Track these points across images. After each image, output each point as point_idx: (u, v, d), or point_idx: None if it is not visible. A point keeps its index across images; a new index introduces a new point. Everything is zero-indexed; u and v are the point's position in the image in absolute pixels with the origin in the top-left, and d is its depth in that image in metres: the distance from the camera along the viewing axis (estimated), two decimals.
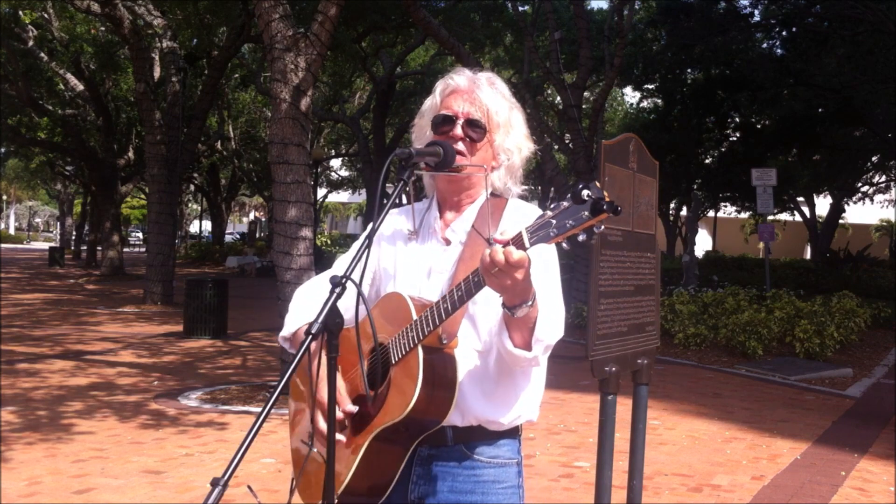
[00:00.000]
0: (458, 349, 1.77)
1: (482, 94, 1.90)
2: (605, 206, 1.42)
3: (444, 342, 1.74)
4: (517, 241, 1.51)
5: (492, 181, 1.92)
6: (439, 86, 1.95)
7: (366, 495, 1.82)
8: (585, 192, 1.44)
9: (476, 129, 1.88)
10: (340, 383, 1.81)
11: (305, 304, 1.95)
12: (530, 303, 1.63)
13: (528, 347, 1.69)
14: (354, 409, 1.79)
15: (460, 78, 1.93)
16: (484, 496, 1.85)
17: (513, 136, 1.93)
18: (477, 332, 1.83)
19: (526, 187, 1.99)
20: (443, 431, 1.82)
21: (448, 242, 1.91)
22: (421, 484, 1.86)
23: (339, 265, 2.01)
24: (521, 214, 1.89)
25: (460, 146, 1.86)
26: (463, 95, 1.90)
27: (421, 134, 1.96)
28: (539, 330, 1.68)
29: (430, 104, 1.95)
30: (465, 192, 1.94)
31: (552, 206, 1.50)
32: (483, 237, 1.82)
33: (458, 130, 1.87)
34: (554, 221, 1.48)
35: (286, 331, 1.95)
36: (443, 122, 1.89)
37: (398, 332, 1.75)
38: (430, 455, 1.85)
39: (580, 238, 1.47)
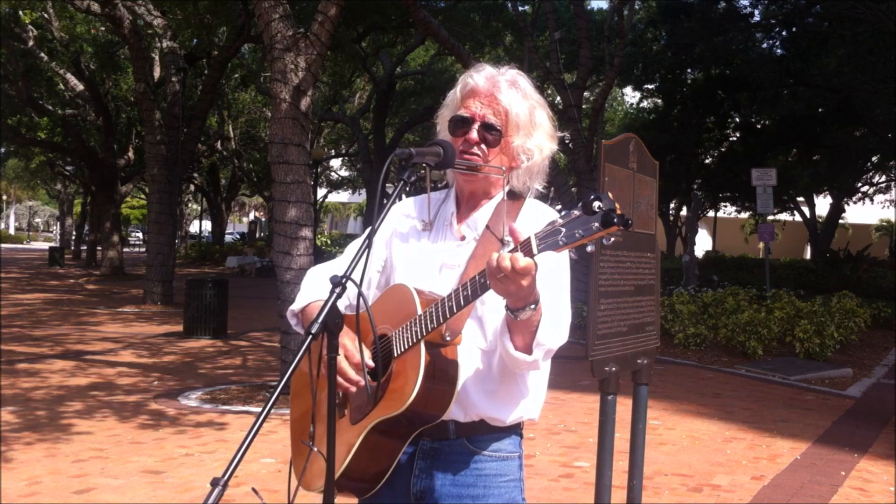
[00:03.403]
0: (461, 347, 1.77)
1: (501, 97, 1.87)
2: (615, 219, 1.42)
3: (448, 339, 1.74)
4: (525, 247, 1.52)
5: (510, 182, 1.91)
6: (461, 82, 1.93)
7: (362, 481, 1.84)
8: (596, 204, 1.44)
9: (492, 133, 1.86)
10: (351, 343, 1.79)
11: (317, 283, 1.95)
12: (534, 306, 1.63)
13: (528, 351, 1.69)
14: (370, 363, 1.78)
15: (480, 77, 1.90)
16: (486, 489, 1.86)
17: (535, 137, 1.90)
18: (483, 331, 1.83)
19: (545, 184, 1.98)
20: (445, 425, 1.83)
21: (463, 238, 1.91)
22: (423, 477, 1.87)
23: (350, 252, 2.01)
24: (537, 217, 1.89)
25: (475, 150, 1.86)
26: (481, 97, 1.88)
27: (444, 125, 1.95)
28: (541, 334, 1.68)
29: (452, 99, 1.94)
30: (483, 191, 1.94)
31: (562, 213, 1.50)
32: (497, 237, 1.84)
33: (474, 134, 1.86)
34: (563, 230, 1.48)
35: (296, 305, 1.96)
36: (460, 124, 1.88)
37: (402, 326, 1.76)
38: (433, 448, 1.86)
39: (589, 249, 1.48)
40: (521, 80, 1.92)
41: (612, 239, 1.47)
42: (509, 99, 1.87)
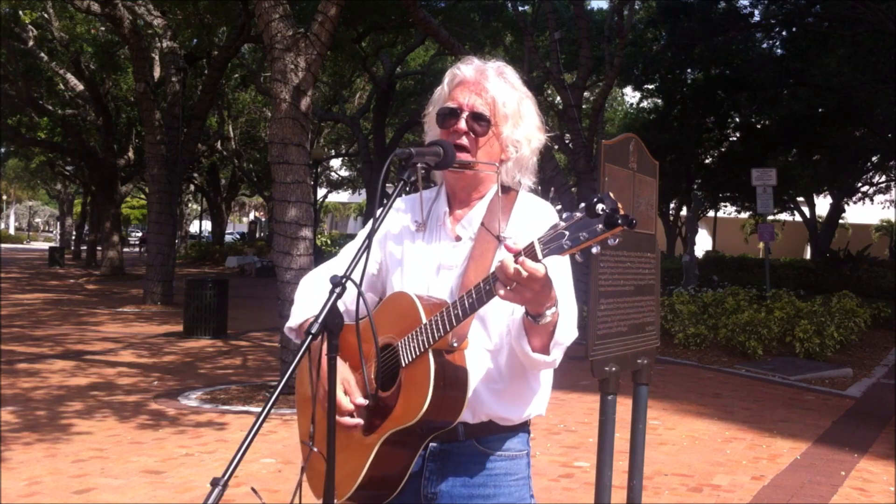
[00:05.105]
0: (468, 349, 1.75)
1: (489, 85, 1.85)
2: (619, 220, 1.40)
3: (455, 346, 1.72)
4: (530, 253, 1.49)
5: (500, 176, 1.88)
6: (448, 75, 1.91)
7: (377, 489, 1.83)
8: (600, 206, 1.42)
9: (480, 123, 1.83)
10: (351, 376, 1.82)
11: (311, 296, 1.93)
12: (553, 309, 1.60)
13: (546, 351, 1.68)
14: (364, 402, 1.79)
15: (467, 69, 1.88)
16: (496, 489, 1.87)
17: (522, 128, 1.88)
18: (487, 331, 1.82)
19: (535, 180, 1.96)
20: (454, 428, 1.82)
21: (458, 239, 1.89)
22: (434, 479, 1.86)
23: (345, 255, 2.00)
24: (531, 212, 1.87)
25: (464, 140, 1.83)
26: (469, 87, 1.86)
27: (431, 123, 1.93)
28: (559, 333, 1.66)
29: (440, 94, 1.92)
30: (474, 188, 1.91)
31: (565, 216, 1.47)
32: (493, 234, 1.81)
33: (462, 124, 1.83)
34: (567, 233, 1.45)
35: (292, 321, 1.94)
36: (448, 116, 1.85)
37: (407, 335, 1.73)
38: (443, 450, 1.86)
39: (594, 250, 1.45)
40: (508, 71, 1.91)
41: (617, 240, 1.45)
42: (497, 87, 1.86)
